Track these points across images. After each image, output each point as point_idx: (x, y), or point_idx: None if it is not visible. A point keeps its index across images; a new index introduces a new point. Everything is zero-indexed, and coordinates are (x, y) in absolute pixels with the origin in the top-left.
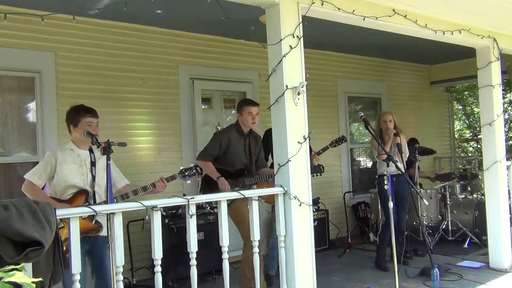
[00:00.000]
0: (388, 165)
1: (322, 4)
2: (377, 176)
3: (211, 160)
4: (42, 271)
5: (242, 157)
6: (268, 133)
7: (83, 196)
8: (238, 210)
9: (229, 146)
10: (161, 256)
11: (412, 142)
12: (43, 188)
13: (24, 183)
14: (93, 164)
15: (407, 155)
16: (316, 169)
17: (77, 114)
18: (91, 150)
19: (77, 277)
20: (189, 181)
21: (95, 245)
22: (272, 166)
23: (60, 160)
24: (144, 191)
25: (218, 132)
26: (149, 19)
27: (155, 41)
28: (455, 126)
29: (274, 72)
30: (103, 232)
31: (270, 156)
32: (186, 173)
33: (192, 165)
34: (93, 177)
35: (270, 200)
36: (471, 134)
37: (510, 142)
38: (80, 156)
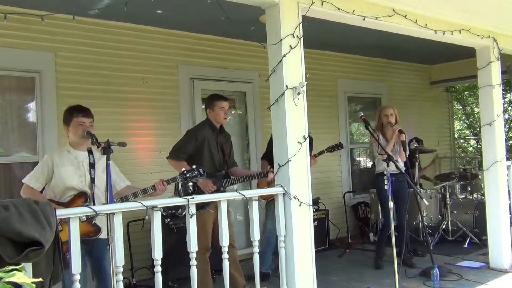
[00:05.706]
0: (388, 165)
1: (322, 4)
2: (375, 174)
3: (185, 159)
4: (42, 271)
5: (215, 155)
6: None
7: (82, 198)
8: (198, 216)
9: (203, 144)
10: (161, 256)
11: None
12: (42, 191)
13: (23, 187)
14: (92, 165)
15: (407, 154)
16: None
17: (69, 114)
18: (90, 152)
19: (77, 277)
20: (190, 184)
21: (94, 247)
22: None
23: (57, 162)
24: (144, 193)
25: (192, 129)
26: (149, 19)
27: (155, 41)
28: (455, 126)
29: (274, 72)
30: (103, 235)
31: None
32: (188, 175)
33: (194, 166)
34: (92, 179)
35: (265, 197)
36: (471, 134)
37: (510, 142)
38: (77, 157)
